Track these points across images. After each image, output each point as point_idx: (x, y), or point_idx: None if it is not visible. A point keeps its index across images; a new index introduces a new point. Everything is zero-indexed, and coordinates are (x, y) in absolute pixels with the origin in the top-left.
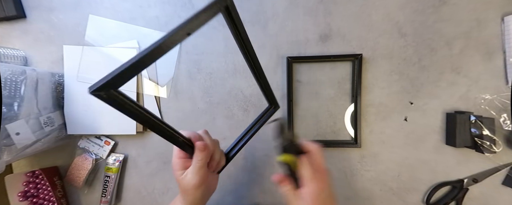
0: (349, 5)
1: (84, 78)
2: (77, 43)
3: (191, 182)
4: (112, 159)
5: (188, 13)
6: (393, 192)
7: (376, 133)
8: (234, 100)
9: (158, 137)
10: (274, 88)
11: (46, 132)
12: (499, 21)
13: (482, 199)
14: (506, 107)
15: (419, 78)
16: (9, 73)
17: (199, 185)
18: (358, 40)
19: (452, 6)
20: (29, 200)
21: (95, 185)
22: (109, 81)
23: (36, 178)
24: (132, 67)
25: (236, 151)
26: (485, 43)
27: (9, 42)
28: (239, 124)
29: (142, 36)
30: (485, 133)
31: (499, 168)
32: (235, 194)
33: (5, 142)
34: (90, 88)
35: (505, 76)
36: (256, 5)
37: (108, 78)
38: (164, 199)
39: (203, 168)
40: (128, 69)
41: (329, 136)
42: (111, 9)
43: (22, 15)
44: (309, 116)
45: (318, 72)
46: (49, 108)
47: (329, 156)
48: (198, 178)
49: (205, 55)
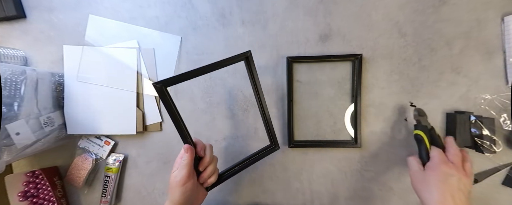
0: (349, 5)
1: (84, 78)
2: (77, 43)
3: (175, 178)
4: (112, 159)
5: (188, 13)
6: (393, 192)
7: (376, 133)
8: (234, 100)
9: (158, 137)
10: (274, 89)
11: (46, 132)
12: (499, 21)
13: (482, 199)
14: (506, 107)
15: (419, 78)
16: (9, 73)
17: (183, 183)
18: (358, 40)
19: (452, 6)
20: (29, 200)
21: (95, 185)
22: (165, 80)
23: (36, 178)
24: (180, 77)
25: (229, 175)
26: (485, 43)
27: (9, 42)
28: (239, 124)
29: (142, 36)
30: (485, 133)
31: (499, 168)
32: (235, 194)
33: (5, 142)
34: (154, 82)
35: (505, 76)
36: (256, 5)
37: (165, 79)
38: (164, 199)
39: (187, 167)
40: (175, 77)
41: (329, 136)
42: (111, 9)
43: (22, 15)
44: (309, 116)
45: (318, 72)
46: (49, 108)
47: (329, 156)
48: (182, 175)
49: (205, 55)
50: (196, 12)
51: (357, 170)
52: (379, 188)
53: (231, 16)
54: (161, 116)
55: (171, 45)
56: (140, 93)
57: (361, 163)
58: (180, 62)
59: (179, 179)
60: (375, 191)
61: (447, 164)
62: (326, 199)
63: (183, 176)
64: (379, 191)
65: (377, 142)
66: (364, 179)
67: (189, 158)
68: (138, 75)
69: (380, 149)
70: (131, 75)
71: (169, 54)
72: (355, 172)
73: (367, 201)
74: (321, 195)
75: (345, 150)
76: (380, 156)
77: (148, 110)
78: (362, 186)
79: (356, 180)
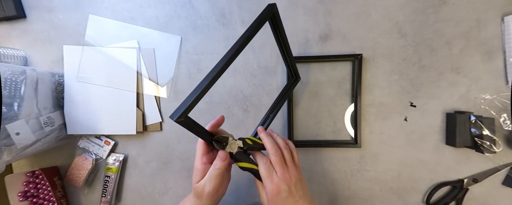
0: (349, 5)
1: (84, 78)
2: (77, 43)
3: (206, 190)
4: (112, 159)
5: (188, 13)
6: (393, 192)
7: (376, 133)
8: (234, 101)
9: (158, 137)
10: (274, 89)
11: (46, 132)
12: (499, 21)
13: (482, 199)
14: (506, 107)
15: (419, 78)
16: (9, 73)
17: (214, 193)
18: (358, 40)
19: (452, 6)
20: (29, 200)
21: (95, 185)
22: (184, 110)
23: (36, 178)
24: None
25: (268, 124)
26: (485, 43)
27: (9, 42)
28: (239, 124)
29: (142, 36)
30: (485, 133)
31: (499, 168)
32: (235, 194)
33: (5, 142)
34: (171, 117)
35: (505, 76)
36: (256, 5)
37: (183, 109)
38: (164, 199)
39: (220, 176)
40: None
41: (329, 136)
42: (111, 9)
43: (22, 15)
44: (309, 116)
45: (318, 72)
46: (49, 108)
47: (329, 156)
48: (214, 187)
49: (205, 55)
50: (196, 12)
51: (357, 170)
52: (379, 188)
53: (231, 16)
54: (161, 116)
55: (171, 45)
56: (140, 93)
57: (361, 163)
58: (180, 62)
59: (210, 190)
60: (375, 191)
61: (272, 181)
62: (326, 199)
63: (214, 187)
64: (379, 191)
65: (377, 142)
66: (364, 179)
67: (223, 168)
68: (138, 75)
69: (380, 149)
70: (131, 75)
71: (169, 54)
72: (355, 172)
73: (367, 201)
74: (321, 195)
75: (345, 150)
76: (380, 156)
77: (148, 110)
78: (362, 186)
79: (356, 180)
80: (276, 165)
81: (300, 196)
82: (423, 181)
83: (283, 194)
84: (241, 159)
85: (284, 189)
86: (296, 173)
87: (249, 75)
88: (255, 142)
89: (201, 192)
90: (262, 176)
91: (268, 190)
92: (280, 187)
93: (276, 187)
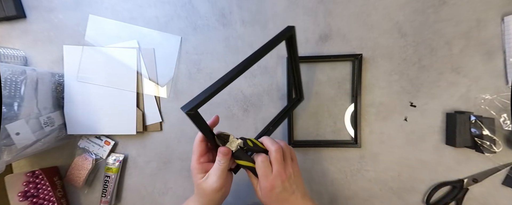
0: (349, 5)
1: (84, 78)
2: (77, 43)
3: (213, 185)
4: (112, 159)
5: (188, 13)
6: (393, 192)
7: (376, 133)
8: (234, 101)
9: (158, 137)
10: (274, 89)
11: (46, 132)
12: (499, 21)
13: (482, 199)
14: (506, 107)
15: (419, 78)
16: (9, 73)
17: (220, 188)
18: (358, 40)
19: (452, 6)
20: (29, 200)
21: (95, 185)
22: (196, 104)
23: (36, 178)
24: (209, 95)
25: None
26: (485, 43)
27: (9, 42)
28: (239, 124)
29: (142, 36)
30: (485, 133)
31: (499, 168)
32: (235, 194)
33: (5, 142)
34: (183, 108)
35: (505, 76)
36: (256, 5)
37: (195, 102)
38: (164, 199)
39: (225, 171)
40: (207, 97)
41: (329, 136)
42: (111, 9)
43: (22, 15)
44: (309, 116)
45: (318, 72)
46: (49, 108)
47: (329, 156)
48: (220, 182)
49: (205, 55)
50: (196, 12)
51: (357, 170)
52: (379, 188)
53: (231, 16)
54: (161, 116)
55: (171, 45)
56: (140, 93)
57: (361, 163)
58: (180, 62)
59: (216, 185)
60: (375, 191)
61: (267, 179)
62: (326, 199)
63: (220, 182)
64: (379, 191)
65: (377, 142)
66: (364, 179)
67: (227, 162)
68: (138, 75)
69: (380, 149)
70: (131, 75)
71: (169, 54)
72: (355, 172)
73: (367, 201)
74: (321, 195)
75: (345, 150)
76: (380, 156)
77: (148, 110)
78: (362, 186)
79: (356, 180)
80: (275, 162)
81: (293, 190)
82: (423, 181)
83: (277, 189)
84: (241, 157)
85: (277, 185)
86: (292, 169)
87: (249, 75)
88: (256, 144)
89: (206, 188)
90: (259, 173)
91: (262, 186)
92: (274, 184)
93: (270, 185)
